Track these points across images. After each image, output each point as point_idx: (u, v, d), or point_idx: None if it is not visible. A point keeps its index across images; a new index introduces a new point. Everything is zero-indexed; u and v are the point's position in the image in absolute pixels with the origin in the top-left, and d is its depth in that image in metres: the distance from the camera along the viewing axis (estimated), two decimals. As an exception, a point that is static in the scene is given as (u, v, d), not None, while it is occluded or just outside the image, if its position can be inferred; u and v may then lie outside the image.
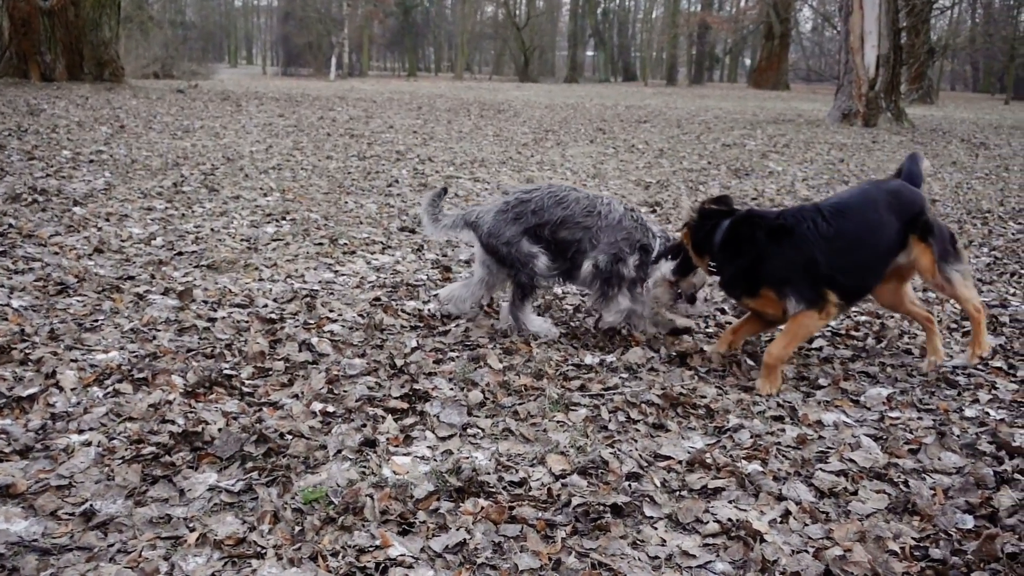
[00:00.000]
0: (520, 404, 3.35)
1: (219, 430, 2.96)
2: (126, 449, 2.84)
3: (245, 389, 3.40)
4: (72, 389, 3.28)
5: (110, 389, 3.32)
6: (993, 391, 3.66)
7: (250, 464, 2.79)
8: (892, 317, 4.70)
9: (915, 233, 3.80)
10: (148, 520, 2.47)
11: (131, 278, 4.79)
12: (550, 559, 2.34)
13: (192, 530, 2.42)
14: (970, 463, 2.95)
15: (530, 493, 2.68)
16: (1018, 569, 2.32)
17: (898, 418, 3.37)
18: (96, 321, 4.07)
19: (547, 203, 4.15)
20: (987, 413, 3.42)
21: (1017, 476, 2.85)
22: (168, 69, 31.61)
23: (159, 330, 4.00)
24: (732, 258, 3.76)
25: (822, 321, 3.67)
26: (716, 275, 3.90)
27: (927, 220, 3.83)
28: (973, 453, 3.05)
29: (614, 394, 3.49)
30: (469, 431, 3.12)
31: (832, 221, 3.65)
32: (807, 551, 2.39)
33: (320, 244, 5.84)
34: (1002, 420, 3.33)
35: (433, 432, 3.09)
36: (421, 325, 4.27)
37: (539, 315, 4.45)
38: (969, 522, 2.57)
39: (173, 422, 3.02)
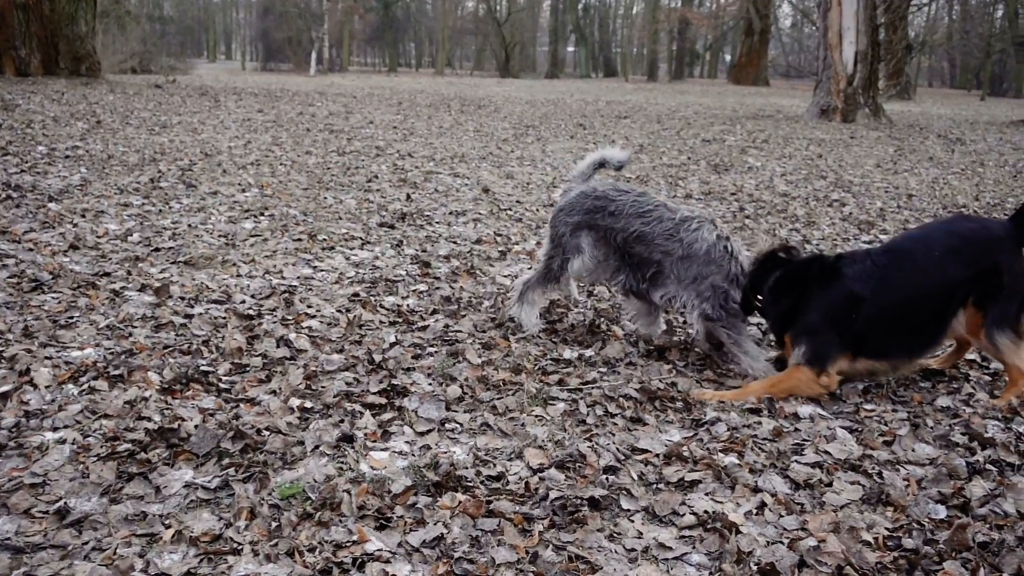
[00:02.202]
0: (499, 399, 3.36)
1: (196, 427, 2.94)
2: (101, 446, 2.81)
3: (222, 385, 3.38)
4: (47, 387, 3.25)
5: (85, 386, 3.29)
6: (967, 383, 3.71)
7: (227, 460, 2.77)
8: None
9: (973, 294, 3.40)
10: (123, 518, 2.45)
11: (107, 274, 4.75)
12: (527, 552, 2.34)
13: (168, 527, 2.41)
14: (943, 454, 2.98)
15: (508, 487, 2.68)
16: (989, 558, 2.35)
17: (873, 410, 3.40)
18: (71, 318, 4.03)
19: (628, 211, 3.93)
20: (960, 405, 3.46)
21: (989, 467, 2.89)
22: (146, 64, 31.30)
23: (135, 327, 3.97)
24: (776, 299, 3.57)
25: (819, 388, 3.43)
26: (762, 315, 3.76)
27: (995, 282, 3.37)
28: (946, 444, 3.09)
29: (592, 388, 3.50)
30: (447, 426, 3.12)
31: (879, 267, 3.39)
32: (782, 542, 2.42)
33: (299, 240, 5.81)
34: (975, 412, 3.37)
35: (411, 427, 3.09)
36: (400, 321, 4.27)
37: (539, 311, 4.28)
38: (942, 512, 2.61)
39: (149, 419, 3.00)
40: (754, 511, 2.60)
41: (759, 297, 3.63)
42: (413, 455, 2.88)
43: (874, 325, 3.41)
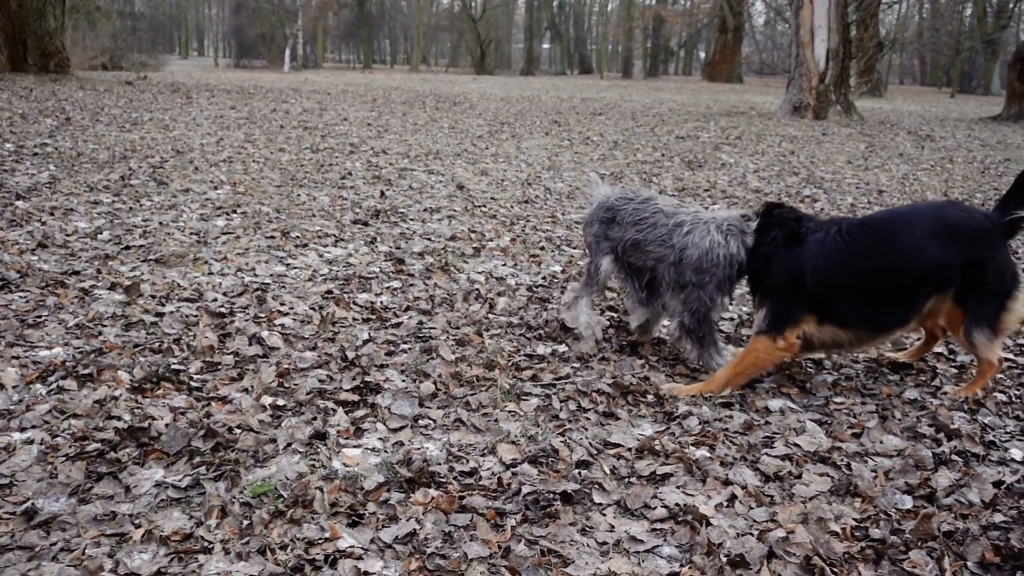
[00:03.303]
0: (472, 395, 3.36)
1: (166, 425, 2.92)
2: (70, 446, 2.79)
3: (193, 384, 3.35)
4: (14, 387, 3.21)
5: (54, 386, 3.25)
6: (934, 375, 3.77)
7: (198, 459, 2.76)
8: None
9: (954, 286, 3.36)
10: (92, 518, 2.43)
11: (76, 273, 4.69)
12: (500, 547, 2.35)
13: (138, 526, 2.39)
14: (910, 446, 3.03)
15: (480, 482, 2.69)
16: (954, 547, 2.40)
17: (842, 403, 3.44)
18: (39, 317, 3.98)
19: (627, 219, 3.85)
20: (927, 397, 3.51)
21: (955, 457, 2.94)
22: (116, 61, 30.91)
23: (105, 325, 3.93)
24: (752, 260, 3.58)
25: (780, 352, 3.44)
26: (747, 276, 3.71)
27: (978, 277, 3.31)
28: (914, 436, 3.14)
29: (565, 384, 3.51)
30: (420, 422, 3.12)
31: (848, 235, 3.35)
32: (752, 534, 2.44)
33: (271, 237, 5.78)
34: (941, 404, 3.42)
35: (384, 424, 3.08)
36: (373, 318, 4.26)
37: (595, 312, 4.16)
38: (908, 502, 2.65)
39: (119, 418, 2.98)
40: (724, 503, 2.63)
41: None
42: (386, 452, 2.88)
43: (839, 292, 3.38)
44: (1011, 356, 4.01)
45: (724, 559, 2.30)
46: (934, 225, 3.34)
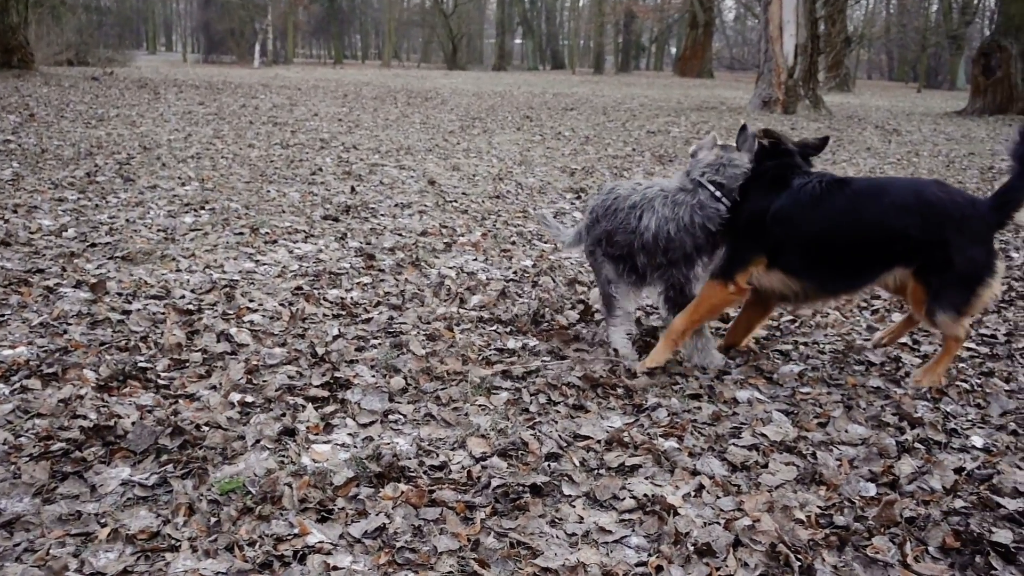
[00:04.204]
0: (442, 389, 3.36)
1: (133, 424, 2.89)
2: (34, 446, 2.75)
3: (161, 381, 3.32)
4: (-24, 386, 3.16)
5: (17, 385, 3.21)
6: (899, 365, 3.83)
7: (165, 457, 2.74)
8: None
9: (915, 262, 3.36)
10: (57, 517, 2.40)
11: (40, 271, 4.62)
12: (469, 540, 2.36)
13: (104, 526, 2.37)
14: (874, 434, 3.08)
15: (450, 476, 2.69)
16: (916, 532, 2.44)
17: (808, 393, 3.49)
18: (2, 316, 3.93)
19: (600, 213, 3.82)
20: (891, 386, 3.57)
21: (917, 445, 2.99)
22: (82, 56, 30.40)
23: (70, 324, 3.88)
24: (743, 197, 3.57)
25: (731, 296, 3.51)
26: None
27: (940, 257, 3.29)
28: (878, 424, 3.19)
29: (536, 377, 3.52)
30: (390, 417, 3.12)
31: (824, 188, 3.37)
32: (718, 523, 2.47)
33: (241, 234, 5.73)
34: (905, 393, 3.47)
35: (354, 419, 3.08)
36: (343, 313, 4.24)
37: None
38: (872, 490, 2.69)
39: (84, 417, 2.94)
40: (692, 493, 2.65)
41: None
42: (355, 447, 2.87)
43: (794, 239, 3.42)
44: (973, 346, 4.08)
45: (691, 548, 2.33)
46: (906, 198, 3.36)
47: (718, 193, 3.57)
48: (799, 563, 2.27)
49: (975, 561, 2.31)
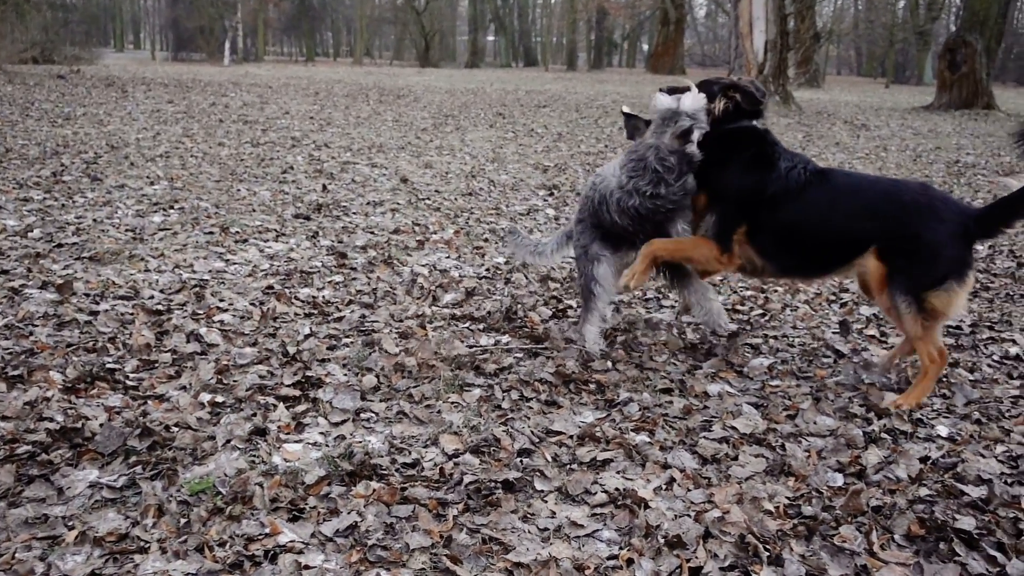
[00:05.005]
0: (415, 387, 3.36)
1: (101, 425, 2.86)
2: (-1, 449, 2.72)
3: (129, 383, 3.29)
4: (-61, 390, 3.11)
5: (-18, 388, 3.16)
6: (866, 356, 3.88)
7: (134, 458, 2.71)
8: (775, 291, 4.91)
9: (879, 245, 3.32)
10: (23, 521, 2.37)
11: (5, 272, 4.56)
12: (441, 537, 2.36)
13: (71, 528, 2.34)
14: (842, 425, 3.12)
15: (423, 473, 2.69)
16: (881, 521, 2.48)
17: (778, 386, 3.52)
18: (-34, 318, 3.86)
19: (594, 201, 3.85)
20: (859, 377, 3.62)
21: (884, 435, 3.04)
22: (48, 54, 29.86)
23: (36, 325, 3.83)
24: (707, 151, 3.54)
25: (720, 264, 3.55)
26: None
27: (909, 248, 3.25)
28: (846, 416, 3.23)
29: (508, 374, 3.53)
30: (362, 415, 3.11)
31: (810, 176, 3.43)
32: (689, 515, 2.49)
33: (210, 233, 5.68)
34: (872, 384, 3.52)
35: (326, 418, 3.06)
36: (315, 312, 4.22)
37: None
38: (839, 480, 2.73)
39: (51, 419, 2.91)
40: (663, 487, 2.67)
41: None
42: (327, 446, 2.86)
43: (773, 225, 3.49)
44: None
45: (662, 540, 2.35)
46: (878, 198, 3.37)
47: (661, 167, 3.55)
48: (768, 553, 2.30)
49: (939, 548, 2.35)
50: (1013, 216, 3.26)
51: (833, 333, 4.20)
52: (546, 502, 2.57)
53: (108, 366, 3.39)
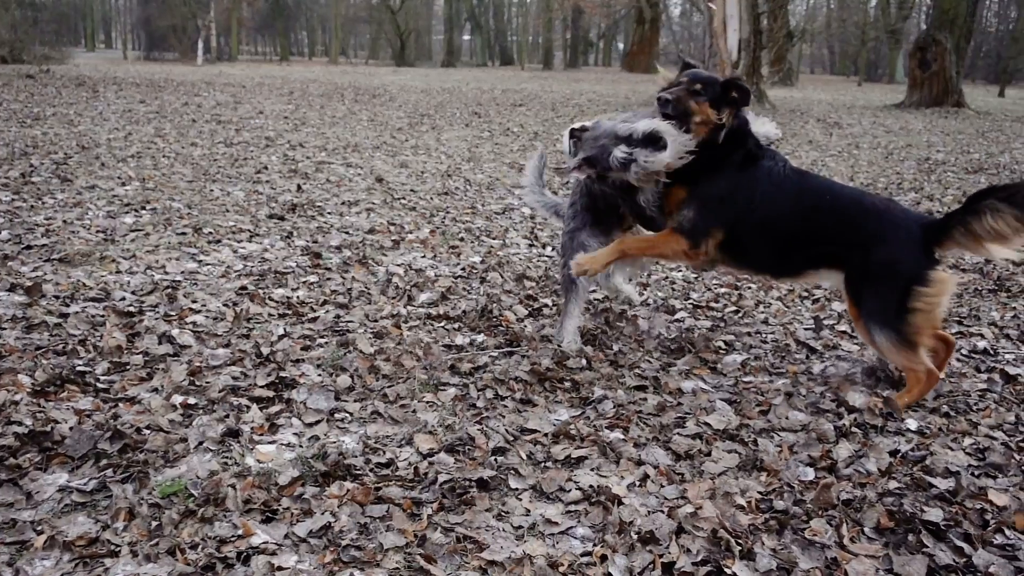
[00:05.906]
0: (389, 387, 3.35)
1: (70, 429, 2.82)
2: (-34, 454, 2.68)
3: (100, 385, 3.25)
4: (-96, 394, 3.06)
5: (-52, 392, 3.11)
6: (838, 350, 3.92)
7: (104, 462, 2.68)
8: (749, 288, 4.95)
9: (839, 266, 3.34)
10: (-9, 526, 2.34)
11: (-27, 275, 4.49)
12: (416, 536, 2.36)
13: (40, 533, 2.32)
14: (813, 420, 3.15)
15: (397, 473, 2.69)
16: (852, 514, 2.51)
17: (751, 382, 3.55)
18: (-67, 321, 3.80)
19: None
20: (830, 372, 3.66)
21: (855, 429, 3.07)
22: (17, 53, 29.41)
23: (4, 328, 3.77)
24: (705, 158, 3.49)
25: (687, 259, 3.53)
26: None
27: (858, 262, 3.25)
28: (817, 411, 3.26)
29: (483, 373, 3.53)
30: (337, 416, 3.10)
31: (788, 177, 3.43)
32: (662, 511, 2.51)
33: (183, 234, 5.63)
34: (843, 378, 3.56)
35: (299, 419, 3.05)
36: (289, 313, 4.20)
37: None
38: (810, 474, 2.76)
39: (20, 423, 2.87)
40: (637, 483, 2.69)
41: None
42: (301, 446, 2.85)
43: (748, 226, 3.47)
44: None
45: (635, 536, 2.36)
46: (838, 203, 3.38)
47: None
48: (740, 547, 2.32)
49: (908, 540, 2.39)
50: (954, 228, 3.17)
51: (805, 329, 4.24)
52: (520, 500, 2.58)
53: (78, 369, 3.35)
